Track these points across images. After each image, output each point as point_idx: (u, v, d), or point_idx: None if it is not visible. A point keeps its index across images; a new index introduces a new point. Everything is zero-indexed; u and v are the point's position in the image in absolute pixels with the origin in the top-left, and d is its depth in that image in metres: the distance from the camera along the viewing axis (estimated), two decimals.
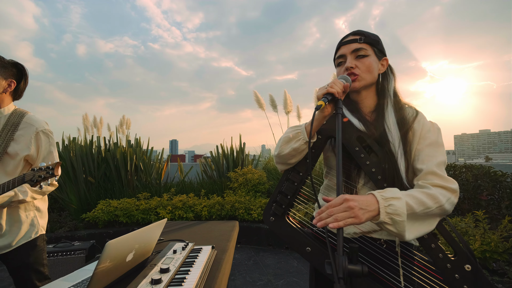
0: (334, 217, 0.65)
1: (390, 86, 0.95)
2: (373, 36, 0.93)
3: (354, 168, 0.92)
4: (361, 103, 0.97)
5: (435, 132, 0.88)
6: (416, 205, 0.73)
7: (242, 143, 4.67)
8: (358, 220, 0.67)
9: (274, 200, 0.96)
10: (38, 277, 1.35)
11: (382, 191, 0.73)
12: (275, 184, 4.32)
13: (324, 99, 0.78)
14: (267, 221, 0.95)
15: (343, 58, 0.94)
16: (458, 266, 0.78)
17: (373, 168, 0.85)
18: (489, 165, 2.65)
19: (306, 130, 0.89)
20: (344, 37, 0.96)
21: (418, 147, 0.87)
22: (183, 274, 0.97)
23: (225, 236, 1.55)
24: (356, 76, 0.90)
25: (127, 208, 3.63)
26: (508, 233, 2.08)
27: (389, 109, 0.91)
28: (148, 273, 0.93)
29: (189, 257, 1.13)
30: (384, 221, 0.70)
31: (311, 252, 0.85)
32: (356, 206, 0.67)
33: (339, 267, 0.57)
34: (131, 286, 0.85)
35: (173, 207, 3.71)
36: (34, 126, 1.33)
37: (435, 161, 0.83)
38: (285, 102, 4.69)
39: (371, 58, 0.92)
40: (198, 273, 0.98)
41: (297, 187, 0.94)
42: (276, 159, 0.98)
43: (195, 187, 4.42)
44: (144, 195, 3.86)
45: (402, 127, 0.88)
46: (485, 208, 2.39)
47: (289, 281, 2.58)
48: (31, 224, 1.37)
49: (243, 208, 3.73)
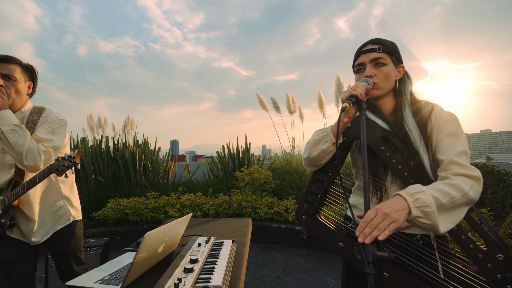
0: (377, 229, 0.68)
1: (407, 90, 1.00)
2: (391, 45, 0.98)
3: (381, 167, 0.96)
4: (382, 106, 1.03)
5: (452, 122, 0.91)
6: (442, 197, 0.76)
7: (248, 143, 4.73)
8: (398, 222, 0.69)
9: (305, 200, 1.00)
10: (76, 262, 1.51)
11: (406, 189, 0.77)
12: (280, 184, 4.38)
13: (348, 101, 0.84)
14: (300, 219, 0.99)
15: (362, 66, 1.00)
16: (490, 255, 0.82)
17: (399, 165, 0.89)
18: (493, 164, 2.71)
19: (332, 132, 0.93)
20: (363, 45, 1.01)
21: (437, 139, 0.90)
22: (211, 264, 1.04)
23: (241, 231, 1.62)
24: (374, 84, 0.95)
25: (136, 206, 3.70)
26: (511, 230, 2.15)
27: (406, 110, 0.97)
28: (180, 263, 1.00)
29: (213, 250, 1.20)
30: (416, 215, 0.73)
31: (343, 247, 0.89)
32: (390, 211, 0.70)
33: (369, 253, 0.63)
34: (166, 274, 0.92)
35: (182, 206, 3.78)
36: (45, 118, 1.41)
37: (455, 150, 0.86)
38: (288, 103, 4.76)
39: (389, 66, 0.96)
40: (224, 263, 1.05)
41: (327, 186, 0.98)
42: (305, 162, 1.02)
43: (202, 186, 4.49)
44: (153, 194, 3.93)
45: (420, 124, 0.93)
46: (489, 206, 2.46)
47: (298, 278, 2.65)
48: (65, 211, 1.49)
49: (250, 207, 3.80)
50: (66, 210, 1.50)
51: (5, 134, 1.21)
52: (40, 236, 1.38)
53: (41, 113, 1.43)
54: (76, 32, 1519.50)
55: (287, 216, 3.65)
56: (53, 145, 1.36)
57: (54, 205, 1.45)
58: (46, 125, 1.39)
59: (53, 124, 1.41)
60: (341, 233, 0.92)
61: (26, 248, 1.38)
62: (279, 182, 4.37)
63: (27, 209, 1.35)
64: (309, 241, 3.40)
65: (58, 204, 1.47)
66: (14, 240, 1.36)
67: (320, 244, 3.31)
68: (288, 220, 3.64)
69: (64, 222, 1.48)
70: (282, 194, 4.33)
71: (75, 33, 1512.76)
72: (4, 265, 1.32)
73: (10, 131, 1.22)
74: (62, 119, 1.45)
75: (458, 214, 0.81)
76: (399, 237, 0.94)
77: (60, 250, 1.47)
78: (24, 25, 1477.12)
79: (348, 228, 1.03)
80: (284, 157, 4.95)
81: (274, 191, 4.35)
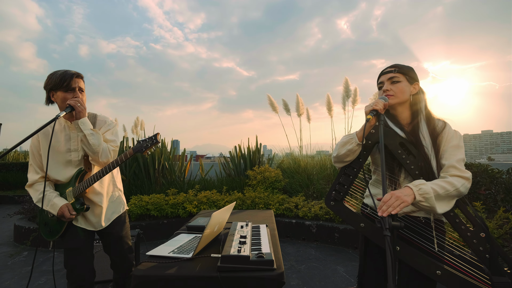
0: (392, 206, 0.96)
1: (422, 104, 1.25)
2: (405, 68, 1.25)
3: (397, 166, 1.23)
4: (398, 116, 1.28)
5: (457, 138, 1.17)
6: (439, 189, 1.04)
7: (259, 144, 5.02)
8: (406, 203, 0.98)
9: (333, 189, 1.26)
10: (127, 247, 1.73)
11: (412, 182, 1.06)
12: (290, 182, 4.67)
13: (371, 113, 1.13)
14: (328, 204, 1.26)
15: (382, 84, 1.28)
16: (476, 234, 1.09)
17: (412, 166, 1.14)
18: (487, 164, 2.99)
19: (358, 136, 1.20)
20: (384, 69, 1.30)
21: (443, 148, 1.17)
22: (256, 240, 1.33)
23: (268, 220, 1.91)
24: (391, 96, 1.23)
25: (157, 202, 3.99)
26: (502, 221, 2.42)
27: (422, 123, 1.21)
28: (233, 238, 1.29)
29: (254, 231, 1.49)
30: (419, 200, 1.01)
31: (364, 226, 1.18)
32: (401, 195, 0.99)
33: (386, 223, 0.91)
34: (227, 244, 1.20)
35: (199, 202, 4.06)
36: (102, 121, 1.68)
37: (455, 158, 1.13)
38: (297, 106, 5.04)
39: (403, 83, 1.23)
40: (266, 239, 1.34)
41: (352, 179, 1.25)
42: (334, 159, 1.28)
43: (216, 184, 4.77)
44: (172, 191, 4.22)
45: (433, 136, 1.18)
46: (483, 201, 2.73)
47: (310, 266, 2.93)
48: (119, 201, 1.75)
49: (262, 203, 4.08)
50: (121, 200, 1.77)
51: (87, 137, 1.49)
52: (105, 221, 1.64)
53: (95, 118, 1.70)
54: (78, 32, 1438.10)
55: (297, 212, 3.93)
56: (116, 144, 1.65)
57: (113, 195, 1.72)
58: (107, 128, 1.67)
59: (110, 126, 1.70)
60: (361, 216, 1.21)
61: (88, 237, 1.62)
62: (288, 181, 4.66)
63: (95, 197, 1.61)
64: (318, 234, 3.68)
65: (115, 194, 1.73)
66: (78, 229, 1.58)
67: (329, 238, 3.59)
68: (298, 216, 3.92)
69: (120, 210, 1.73)
70: (291, 192, 4.62)
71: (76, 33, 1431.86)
72: (72, 252, 1.56)
73: (90, 135, 1.50)
74: (114, 122, 1.74)
75: (450, 202, 1.09)
76: (407, 220, 1.22)
77: (115, 237, 1.67)
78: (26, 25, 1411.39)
79: (366, 212, 1.32)
80: (292, 157, 5.24)
81: (283, 188, 4.63)
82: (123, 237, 1.70)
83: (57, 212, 1.50)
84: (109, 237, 1.68)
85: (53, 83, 1.53)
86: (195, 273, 1.07)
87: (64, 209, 1.50)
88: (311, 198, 4.34)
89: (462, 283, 1.06)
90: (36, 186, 1.60)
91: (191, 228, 1.63)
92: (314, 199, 4.28)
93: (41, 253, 3.40)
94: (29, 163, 1.64)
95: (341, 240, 3.51)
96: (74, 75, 1.56)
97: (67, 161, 1.59)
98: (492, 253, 1.08)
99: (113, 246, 1.69)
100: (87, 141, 1.49)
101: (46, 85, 1.56)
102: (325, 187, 4.40)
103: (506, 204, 2.69)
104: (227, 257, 1.07)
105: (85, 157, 1.60)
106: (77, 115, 1.50)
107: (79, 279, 1.52)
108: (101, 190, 1.64)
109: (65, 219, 1.52)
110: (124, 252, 1.71)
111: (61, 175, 1.58)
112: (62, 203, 1.52)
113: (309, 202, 4.05)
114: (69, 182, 1.59)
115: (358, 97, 4.85)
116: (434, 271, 1.08)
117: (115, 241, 1.68)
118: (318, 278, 2.65)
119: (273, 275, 1.05)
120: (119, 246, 1.69)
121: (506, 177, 2.79)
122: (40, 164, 1.61)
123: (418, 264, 1.09)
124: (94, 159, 1.55)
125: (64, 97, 1.53)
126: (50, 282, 2.60)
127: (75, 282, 1.52)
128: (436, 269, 1.07)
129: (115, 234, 1.68)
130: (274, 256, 1.15)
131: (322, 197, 4.33)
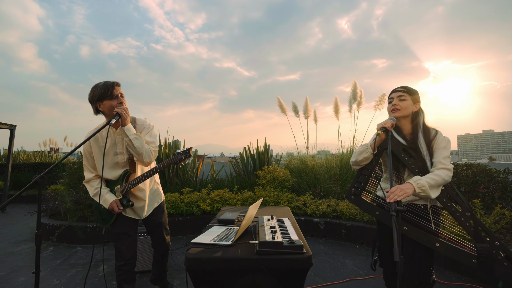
0: (397, 195, 1.26)
1: (420, 120, 1.58)
2: (412, 90, 1.57)
3: (401, 166, 1.57)
4: (402, 127, 1.61)
5: (445, 142, 1.50)
6: (430, 180, 1.37)
7: (267, 145, 5.24)
8: (407, 194, 1.30)
9: (353, 186, 1.58)
10: (166, 232, 2.05)
11: (411, 179, 1.39)
12: (298, 181, 4.88)
13: (381, 129, 1.46)
14: (349, 198, 1.58)
15: (392, 99, 1.60)
16: (463, 214, 1.42)
17: (413, 165, 1.49)
18: (485, 164, 3.20)
19: (371, 146, 1.53)
20: (395, 88, 1.61)
21: (434, 149, 1.51)
22: (284, 230, 1.54)
23: (287, 214, 2.12)
24: (397, 110, 1.56)
25: (173, 201, 4.21)
26: (499, 217, 2.63)
27: (420, 134, 1.55)
28: (264, 229, 1.50)
29: (279, 223, 1.70)
30: (417, 191, 1.35)
31: (379, 214, 1.50)
32: (404, 188, 1.31)
33: (392, 207, 1.17)
34: (261, 234, 1.42)
35: (212, 201, 4.28)
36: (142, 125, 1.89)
37: (442, 156, 1.47)
38: (305, 107, 5.26)
39: (408, 101, 1.56)
40: (292, 229, 1.55)
41: (367, 178, 1.57)
42: (352, 163, 1.62)
43: (226, 184, 4.99)
44: (187, 190, 4.43)
45: (427, 142, 1.52)
46: (481, 199, 2.94)
47: (320, 259, 3.15)
48: (158, 193, 2.03)
49: (272, 202, 4.30)
50: (159, 192, 2.06)
51: (132, 141, 1.71)
52: (147, 211, 1.91)
53: (135, 122, 1.92)
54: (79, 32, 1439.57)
55: (306, 209, 4.14)
56: (156, 145, 1.87)
57: (152, 188, 1.99)
58: (146, 131, 1.89)
59: (149, 129, 1.91)
60: (376, 206, 1.52)
61: (134, 224, 1.90)
62: (296, 180, 4.87)
63: (139, 193, 1.87)
64: (326, 231, 3.89)
65: (154, 187, 2.01)
66: (126, 217, 1.87)
67: (336, 234, 3.80)
68: (306, 213, 4.14)
69: (158, 201, 2.02)
70: (299, 191, 4.83)
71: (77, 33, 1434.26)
72: (121, 236, 1.84)
73: (134, 139, 1.72)
74: (153, 125, 1.96)
75: (439, 188, 1.42)
76: (411, 207, 1.53)
77: (156, 223, 1.99)
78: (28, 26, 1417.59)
79: (378, 202, 1.60)
80: (299, 157, 5.45)
81: (292, 188, 4.85)
82: (162, 222, 2.02)
83: (108, 206, 1.76)
84: (151, 223, 1.98)
85: (99, 94, 1.74)
86: (238, 256, 1.28)
87: (113, 204, 1.78)
88: (318, 196, 4.55)
89: (454, 251, 1.37)
90: (92, 183, 1.88)
91: (222, 221, 1.85)
92: (321, 198, 4.49)
93: (66, 248, 3.63)
94: (83, 163, 1.90)
95: (348, 236, 3.72)
96: (114, 84, 1.77)
97: (114, 163, 1.83)
98: (475, 226, 1.39)
99: (154, 229, 2.00)
100: (132, 144, 1.71)
101: (91, 97, 1.76)
102: (331, 186, 4.61)
103: (503, 201, 2.90)
104: (264, 243, 1.28)
105: (130, 160, 1.83)
106: (123, 122, 1.72)
107: (126, 258, 1.81)
108: (144, 187, 1.89)
109: (114, 212, 1.79)
110: (162, 235, 2.02)
111: (110, 174, 1.83)
112: (112, 199, 1.79)
113: (316, 201, 4.26)
114: (117, 180, 1.83)
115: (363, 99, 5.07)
116: (433, 243, 1.38)
117: (155, 226, 1.99)
118: (328, 270, 2.86)
119: (304, 257, 1.26)
120: (158, 229, 2.00)
121: (503, 176, 3.00)
122: (93, 164, 1.86)
123: (422, 239, 1.40)
124: (139, 160, 1.77)
125: (111, 105, 1.74)
126: (80, 274, 2.82)
127: (123, 260, 1.80)
128: (436, 242, 1.38)
129: (156, 221, 1.98)
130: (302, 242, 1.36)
131: (329, 195, 4.54)
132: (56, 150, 14.64)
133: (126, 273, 1.80)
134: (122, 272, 1.80)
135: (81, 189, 4.29)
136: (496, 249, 1.36)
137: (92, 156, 1.84)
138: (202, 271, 1.29)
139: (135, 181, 1.78)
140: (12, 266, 3.03)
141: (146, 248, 2.77)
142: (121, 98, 1.77)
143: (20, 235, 4.32)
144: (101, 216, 1.88)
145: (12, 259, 3.25)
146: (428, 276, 1.44)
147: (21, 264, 3.11)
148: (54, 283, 2.62)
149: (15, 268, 2.98)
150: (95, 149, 1.82)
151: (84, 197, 4.10)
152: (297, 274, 1.30)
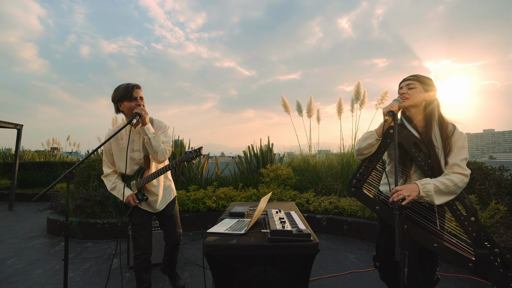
0: (403, 194, 1.24)
1: (435, 109, 1.45)
2: (422, 78, 1.46)
3: (409, 160, 1.47)
4: (413, 118, 1.49)
5: (463, 140, 1.39)
6: (441, 185, 1.30)
7: (271, 144, 5.37)
8: (412, 196, 1.26)
9: (354, 177, 1.54)
10: (177, 225, 2.15)
11: (420, 180, 1.33)
12: (301, 179, 5.01)
13: (388, 114, 1.38)
14: (349, 191, 1.55)
15: (401, 88, 1.50)
16: (467, 217, 1.37)
17: (422, 162, 1.40)
18: (481, 162, 3.33)
19: (377, 133, 1.44)
20: (405, 77, 1.51)
21: (451, 148, 1.39)
22: (291, 221, 1.67)
23: (293, 208, 2.25)
24: (406, 98, 1.45)
25: (180, 198, 4.34)
26: (494, 212, 2.76)
27: (435, 126, 1.42)
28: (274, 219, 1.63)
29: (287, 214, 1.83)
30: (422, 195, 1.30)
31: (379, 209, 1.46)
32: (410, 188, 1.28)
33: (396, 205, 1.22)
34: (271, 224, 1.54)
35: (217, 198, 4.41)
36: (158, 126, 2.01)
37: (459, 157, 1.36)
38: (309, 107, 5.38)
39: (417, 89, 1.44)
40: (300, 220, 1.68)
41: (371, 170, 1.52)
42: (356, 152, 1.52)
43: (231, 182, 5.12)
44: (193, 187, 4.56)
45: (443, 138, 1.39)
46: (477, 194, 3.07)
47: (323, 254, 3.27)
48: (170, 189, 2.15)
49: (276, 199, 4.43)
50: (172, 188, 2.17)
51: (150, 140, 1.84)
52: (161, 206, 2.04)
53: (152, 122, 2.04)
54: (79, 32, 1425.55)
55: (308, 206, 4.27)
56: (170, 144, 1.99)
57: (165, 184, 2.11)
58: (162, 130, 2.02)
59: (164, 129, 2.04)
60: (377, 200, 1.52)
61: (149, 216, 2.03)
62: (299, 178, 5.00)
63: (153, 188, 1.99)
64: (328, 227, 4.02)
65: (167, 183, 2.13)
66: (142, 210, 2.00)
67: (338, 230, 3.93)
68: (309, 210, 4.26)
69: (171, 196, 2.14)
70: (301, 188, 4.96)
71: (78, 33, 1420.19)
72: (138, 227, 1.97)
73: (152, 138, 1.85)
74: (168, 125, 2.08)
75: (449, 196, 1.35)
76: (415, 205, 1.48)
77: (167, 216, 2.09)
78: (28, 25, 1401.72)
79: (381, 198, 1.61)
80: (301, 156, 5.58)
81: (294, 185, 4.97)
82: (173, 216, 2.13)
83: (124, 200, 1.89)
84: (163, 216, 2.09)
85: (120, 95, 1.87)
86: (251, 243, 1.41)
87: (129, 198, 1.92)
88: (320, 194, 4.68)
89: (451, 253, 1.37)
90: (109, 178, 2.01)
91: (233, 214, 1.98)
92: (323, 195, 4.62)
93: (77, 244, 3.76)
94: (102, 159, 2.04)
95: (349, 231, 3.85)
96: (135, 87, 1.90)
97: (130, 159, 1.95)
98: (478, 232, 1.37)
99: (166, 223, 2.11)
100: (150, 143, 1.84)
101: (114, 98, 1.90)
102: (333, 184, 4.74)
103: (498, 197, 3.02)
104: (275, 231, 1.41)
105: (145, 157, 1.96)
106: (143, 121, 1.84)
107: (144, 248, 1.94)
108: (157, 183, 2.01)
109: (130, 205, 1.93)
110: (174, 227, 2.13)
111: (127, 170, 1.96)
112: (128, 193, 1.92)
113: (319, 198, 4.39)
114: (133, 175, 1.96)
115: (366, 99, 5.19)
116: (432, 244, 1.37)
117: (167, 219, 2.10)
118: (331, 263, 2.99)
119: (311, 244, 1.39)
120: (170, 223, 2.11)
121: (498, 173, 3.13)
122: (112, 161, 2.00)
123: (420, 238, 1.39)
124: (154, 157, 1.90)
125: (130, 106, 1.87)
126: (93, 267, 2.95)
127: (141, 250, 1.94)
128: (434, 242, 1.37)
129: (168, 214, 2.10)
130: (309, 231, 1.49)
131: (331, 193, 4.67)
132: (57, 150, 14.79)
133: (144, 261, 1.93)
134: (140, 261, 1.93)
135: (90, 186, 4.41)
136: (495, 255, 1.34)
137: (111, 153, 1.98)
138: (219, 256, 1.42)
139: (149, 177, 1.91)
140: (28, 260, 3.17)
141: (158, 242, 2.90)
142: (139, 100, 1.90)
143: (31, 231, 4.45)
144: (118, 209, 2.01)
145: (27, 253, 3.39)
146: (433, 274, 1.43)
147: (36, 258, 3.24)
148: (69, 275, 2.75)
149: (31, 262, 3.11)
150: (114, 146, 1.96)
151: (93, 194, 4.23)
152: (305, 260, 1.43)
